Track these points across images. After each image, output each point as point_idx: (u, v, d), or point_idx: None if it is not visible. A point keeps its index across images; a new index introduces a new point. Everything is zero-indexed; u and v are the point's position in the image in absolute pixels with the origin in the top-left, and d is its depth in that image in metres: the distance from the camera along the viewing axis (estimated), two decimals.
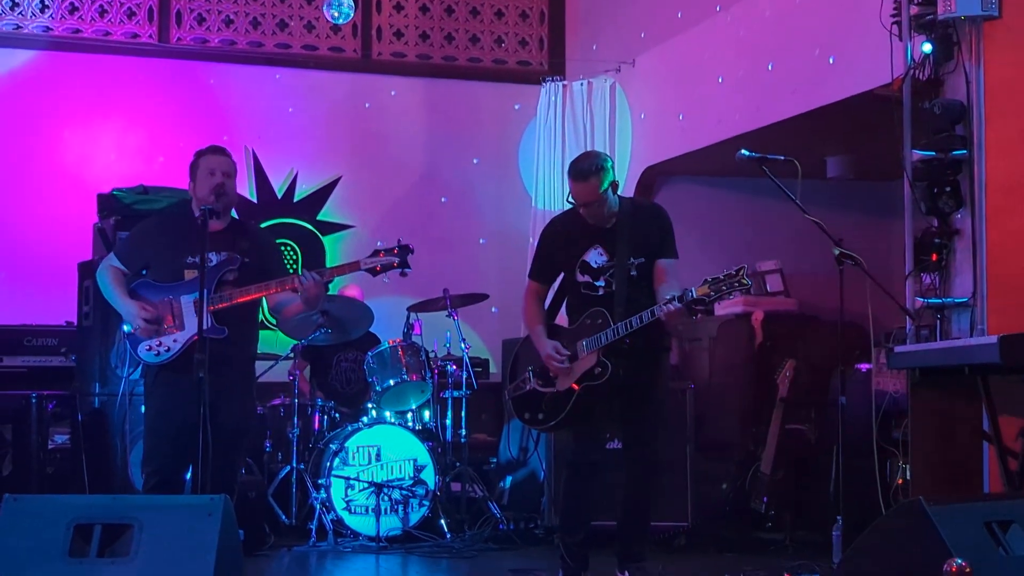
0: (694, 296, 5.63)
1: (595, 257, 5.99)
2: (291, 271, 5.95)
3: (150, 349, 5.86)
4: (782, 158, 6.03)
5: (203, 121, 10.16)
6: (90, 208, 8.70)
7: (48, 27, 10.04)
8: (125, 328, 5.98)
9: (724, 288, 5.62)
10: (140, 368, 6.23)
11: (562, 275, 6.18)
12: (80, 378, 8.36)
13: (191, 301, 5.81)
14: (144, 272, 6.01)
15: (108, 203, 8.42)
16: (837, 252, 5.99)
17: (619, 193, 6.04)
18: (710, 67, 9.13)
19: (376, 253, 5.83)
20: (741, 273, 5.62)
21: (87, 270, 8.21)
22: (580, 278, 6.02)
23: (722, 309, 9.15)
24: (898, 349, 5.93)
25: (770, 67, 8.44)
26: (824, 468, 7.51)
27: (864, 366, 7.48)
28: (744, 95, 8.69)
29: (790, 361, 7.89)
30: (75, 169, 9.92)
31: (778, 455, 7.77)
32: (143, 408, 6.30)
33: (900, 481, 6.75)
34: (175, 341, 5.85)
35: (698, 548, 7.56)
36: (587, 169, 5.89)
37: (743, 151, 6.03)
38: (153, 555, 4.44)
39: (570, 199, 5.99)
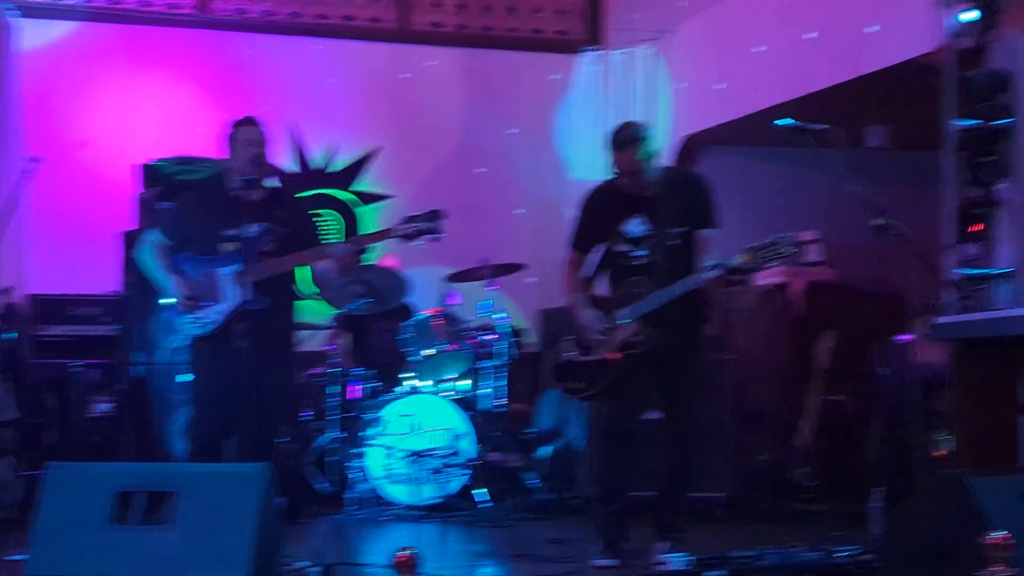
0: (735, 264, 5.61)
1: (635, 226, 5.97)
2: (325, 240, 5.95)
3: (193, 320, 5.89)
4: (822, 128, 5.97)
5: (242, 92, 10.15)
6: (133, 178, 8.73)
7: None
8: (166, 300, 6.01)
9: (765, 257, 5.59)
10: (182, 338, 6.26)
11: (602, 244, 6.16)
12: (123, 347, 8.41)
13: (231, 272, 5.82)
14: (184, 245, 6.03)
15: (150, 173, 8.46)
16: (877, 223, 5.94)
17: (660, 162, 6.01)
18: (751, 36, 9.06)
19: (408, 219, 5.84)
20: (782, 242, 5.58)
21: (130, 239, 8.24)
22: (620, 247, 6.01)
23: (762, 279, 9.10)
24: (939, 320, 5.89)
25: (811, 36, 8.36)
26: (863, 439, 7.46)
27: (903, 337, 7.43)
28: (785, 64, 8.62)
29: (830, 332, 7.84)
30: (118, 140, 9.95)
31: (817, 426, 7.74)
32: (184, 378, 6.35)
33: (940, 453, 6.71)
34: (217, 312, 5.87)
35: (736, 519, 7.54)
36: (628, 138, 5.86)
37: (783, 120, 5.98)
38: (195, 522, 4.47)
39: (612, 169, 5.97)
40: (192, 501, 4.52)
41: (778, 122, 5.98)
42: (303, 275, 6.46)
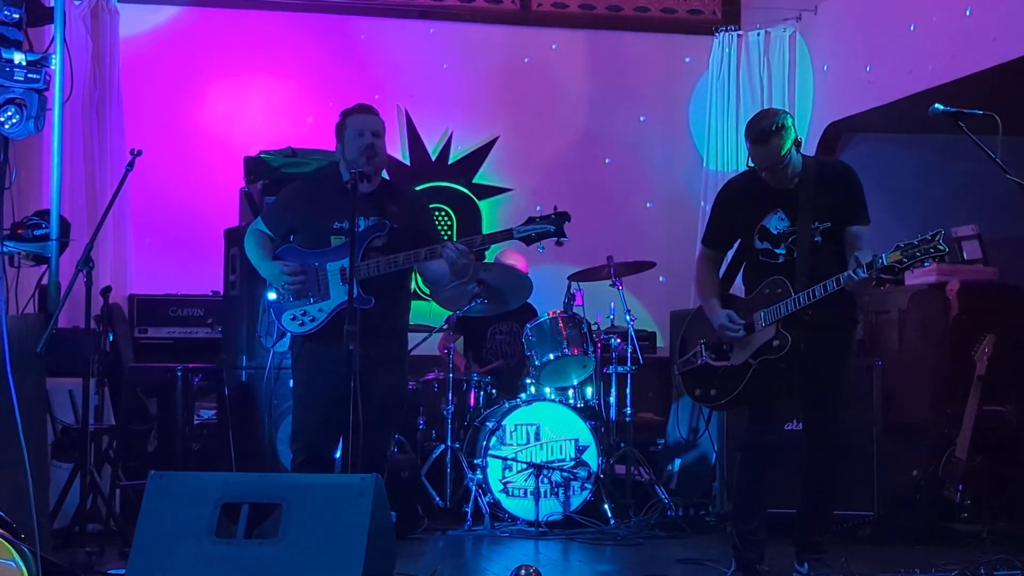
0: (884, 263, 5.53)
1: (776, 222, 5.92)
2: (445, 237, 5.93)
3: (294, 319, 5.93)
4: (981, 113, 5.84)
5: (353, 79, 10.27)
6: (237, 172, 8.85)
7: None
8: (269, 296, 6.06)
9: (918, 255, 5.51)
10: (287, 340, 6.32)
11: (739, 241, 6.12)
12: (226, 350, 8.52)
13: (337, 268, 5.86)
14: (291, 238, 6.08)
15: (255, 166, 8.55)
16: None
17: (801, 152, 5.95)
18: (901, 13, 8.95)
19: (531, 220, 5.81)
20: (937, 238, 5.50)
21: (234, 237, 8.35)
22: (759, 245, 5.95)
23: (913, 279, 8.97)
24: None
25: (968, 12, 8.22)
26: None
27: None
28: (939, 44, 8.50)
29: (989, 336, 7.71)
30: (221, 131, 10.12)
31: (975, 439, 7.61)
32: (291, 383, 6.40)
33: None
34: (320, 311, 5.90)
35: (885, 539, 7.44)
36: (767, 129, 5.80)
37: (937, 105, 5.86)
38: (302, 537, 4.51)
39: (750, 162, 5.92)
40: (299, 514, 4.56)
41: (932, 108, 5.88)
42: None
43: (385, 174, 6.19)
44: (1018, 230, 8.05)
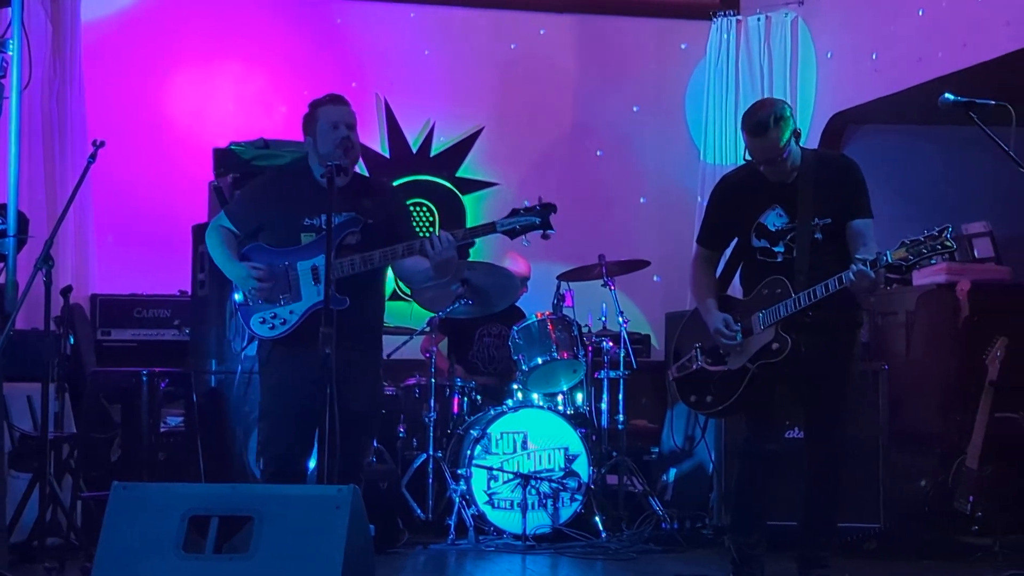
0: (889, 261, 5.55)
1: (774, 219, 5.94)
2: (423, 235, 5.93)
3: (264, 322, 5.92)
4: (993, 103, 5.88)
5: (329, 66, 10.27)
6: (206, 164, 8.85)
7: None
8: (236, 297, 6.05)
9: (925, 252, 5.53)
10: (252, 342, 6.31)
11: (736, 240, 6.14)
12: (195, 354, 8.52)
13: (308, 268, 5.86)
14: (258, 235, 6.07)
15: (225, 159, 8.55)
16: None
17: (801, 144, 5.97)
18: None
19: (515, 212, 5.83)
20: (944, 234, 5.52)
21: (202, 234, 8.32)
22: (757, 243, 5.98)
23: (921, 278, 9.00)
24: None
25: None
26: None
27: None
28: (949, 29, 8.52)
29: (1002, 339, 7.73)
30: (189, 121, 10.11)
31: (987, 447, 7.63)
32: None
33: None
34: (291, 313, 5.90)
35: (891, 554, 7.46)
36: (764, 121, 5.82)
37: (947, 95, 5.90)
38: (275, 551, 4.51)
39: (747, 155, 5.94)
40: (272, 527, 4.56)
41: (942, 98, 5.90)
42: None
43: (364, 167, 6.19)
44: None
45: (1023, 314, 8.51)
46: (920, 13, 8.85)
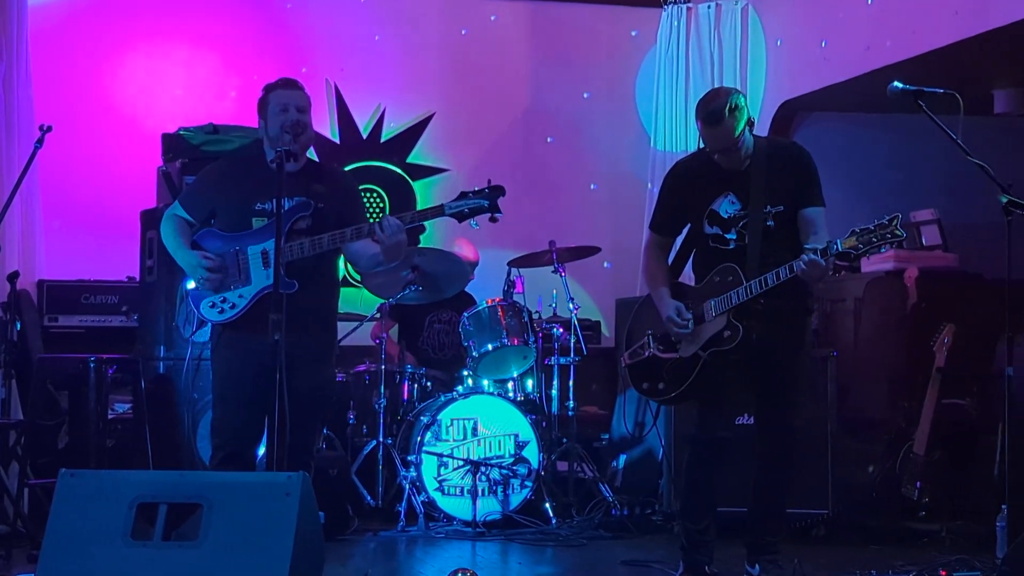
0: (839, 249, 5.56)
1: (726, 206, 5.94)
2: (373, 220, 5.91)
3: (213, 306, 5.91)
4: (941, 91, 5.90)
5: (279, 50, 10.20)
6: (154, 150, 8.80)
7: None
8: (188, 285, 6.04)
9: (874, 240, 5.55)
10: (208, 329, 6.29)
11: (688, 226, 6.14)
12: (143, 340, 8.48)
13: (259, 252, 5.85)
14: (212, 221, 6.06)
15: (174, 144, 8.51)
16: (1005, 200, 5.86)
17: (754, 132, 5.98)
18: None
19: (463, 195, 5.83)
20: (894, 223, 5.54)
21: (150, 219, 8.31)
22: (709, 230, 5.98)
23: (870, 265, 9.04)
24: None
25: None
26: (987, 449, 7.39)
27: None
28: (898, 18, 8.55)
29: (949, 326, 7.77)
30: (137, 106, 10.01)
31: (934, 434, 7.67)
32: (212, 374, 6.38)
33: None
34: (240, 297, 5.89)
35: (840, 539, 7.50)
36: (719, 111, 5.81)
37: (896, 84, 5.92)
38: (224, 539, 4.49)
39: (701, 142, 5.94)
40: (221, 515, 4.54)
41: (891, 86, 5.92)
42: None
43: (313, 154, 6.17)
44: (979, 215, 8.10)
45: (970, 301, 8.57)
46: (869, 2, 8.88)
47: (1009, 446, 6.29)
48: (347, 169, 9.50)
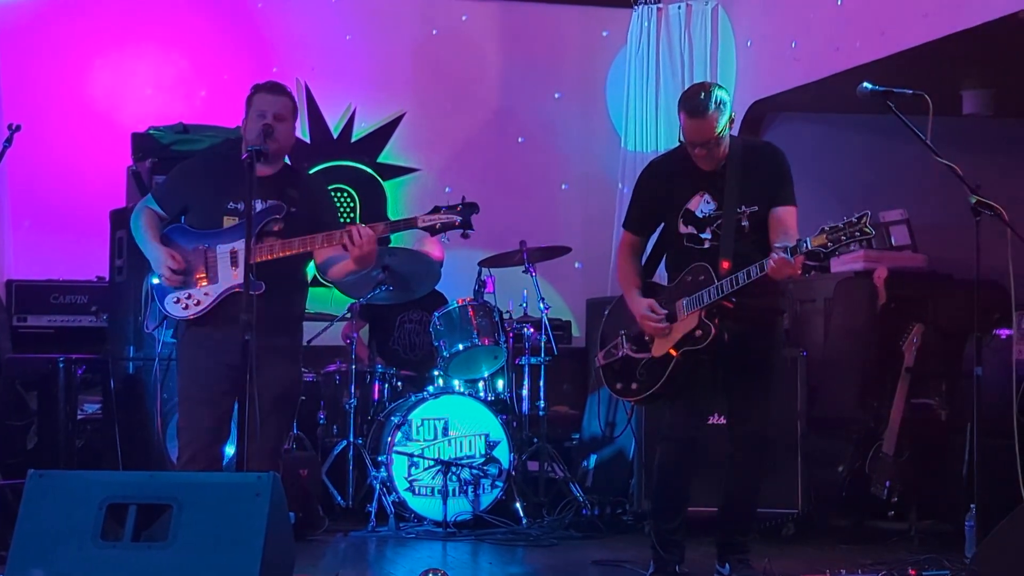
0: (809, 247, 5.55)
1: (701, 206, 5.94)
2: (347, 221, 5.90)
3: (178, 302, 5.88)
4: (910, 92, 5.92)
5: (250, 50, 10.18)
6: (124, 149, 8.76)
7: None
8: (152, 279, 6.01)
9: (844, 239, 5.54)
10: (167, 323, 6.26)
11: (662, 226, 6.14)
12: (113, 340, 8.44)
13: (227, 251, 5.84)
14: (183, 218, 6.04)
15: (143, 143, 8.47)
16: (973, 200, 5.88)
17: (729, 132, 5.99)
18: None
19: (436, 210, 5.82)
20: (863, 221, 5.53)
21: (120, 219, 8.27)
22: (683, 229, 5.98)
23: (839, 265, 9.07)
24: None
25: None
26: (956, 449, 7.41)
27: (1004, 332, 7.37)
28: (867, 19, 8.57)
29: (917, 326, 7.80)
30: (107, 105, 9.97)
31: (903, 434, 7.70)
32: None
33: None
34: (206, 295, 5.87)
35: (809, 539, 7.53)
36: (705, 103, 5.81)
37: (865, 84, 5.93)
38: (194, 539, 4.47)
39: (681, 137, 5.93)
40: (191, 515, 4.52)
41: (861, 86, 5.93)
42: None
43: (288, 160, 6.16)
44: (948, 215, 8.13)
45: (939, 301, 8.60)
46: (839, 3, 8.89)
47: (977, 446, 6.30)
48: (318, 169, 9.49)
